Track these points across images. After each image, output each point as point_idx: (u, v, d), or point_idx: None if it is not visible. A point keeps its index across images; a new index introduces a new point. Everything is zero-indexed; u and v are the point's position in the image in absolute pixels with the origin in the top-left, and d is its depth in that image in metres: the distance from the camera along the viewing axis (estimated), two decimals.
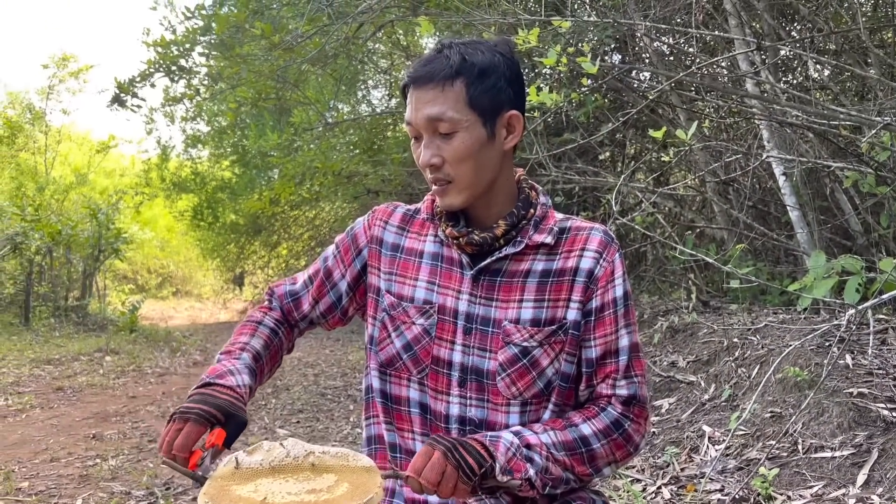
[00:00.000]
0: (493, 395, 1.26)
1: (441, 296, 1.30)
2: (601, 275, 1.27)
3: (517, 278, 1.28)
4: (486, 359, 1.26)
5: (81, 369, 7.11)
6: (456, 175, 1.24)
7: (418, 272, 1.33)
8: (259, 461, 1.09)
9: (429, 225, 1.37)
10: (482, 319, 1.27)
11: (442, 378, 1.28)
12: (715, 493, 2.73)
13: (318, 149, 8.70)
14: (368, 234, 1.39)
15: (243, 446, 4.42)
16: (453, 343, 1.28)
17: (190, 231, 15.11)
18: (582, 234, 1.30)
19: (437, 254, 1.33)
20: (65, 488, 3.54)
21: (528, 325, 1.25)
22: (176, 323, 13.42)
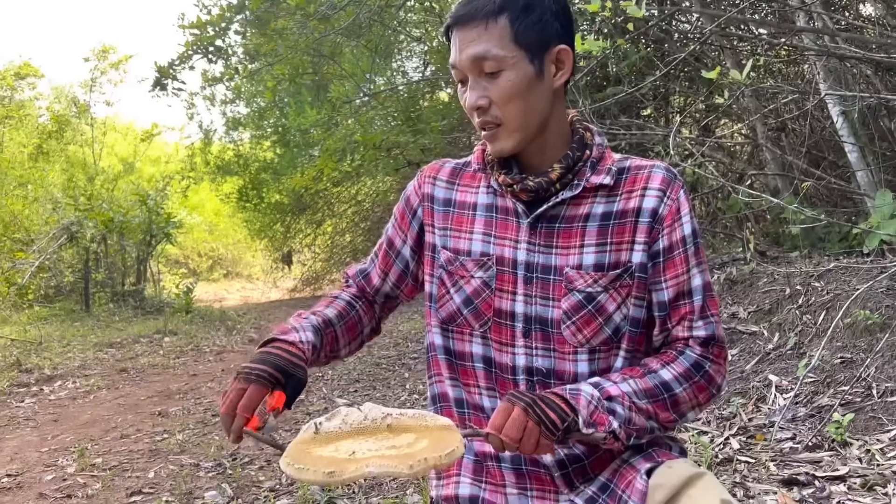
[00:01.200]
0: (558, 343, 1.21)
1: (498, 247, 1.26)
2: (666, 214, 1.20)
3: (577, 223, 1.22)
4: (549, 307, 1.22)
5: (142, 351, 7.31)
6: (505, 116, 1.19)
7: (473, 225, 1.29)
8: (338, 425, 1.08)
9: (480, 176, 1.32)
10: (542, 268, 1.22)
11: (505, 330, 1.24)
12: (786, 441, 2.66)
13: (357, 122, 8.69)
14: (419, 192, 1.36)
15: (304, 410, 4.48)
16: (514, 294, 1.23)
17: (236, 213, 15.32)
18: (643, 172, 1.23)
19: (491, 205, 1.29)
20: (136, 462, 3.64)
21: (590, 271, 1.20)
22: (229, 304, 13.68)
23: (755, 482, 2.37)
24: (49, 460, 3.75)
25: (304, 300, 13.44)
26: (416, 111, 9.13)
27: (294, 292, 15.03)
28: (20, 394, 5.47)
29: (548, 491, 1.22)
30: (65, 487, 3.31)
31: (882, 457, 2.37)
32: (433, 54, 8.79)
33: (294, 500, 2.87)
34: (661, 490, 1.12)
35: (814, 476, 2.34)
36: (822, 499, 2.20)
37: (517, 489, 1.24)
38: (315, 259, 15.16)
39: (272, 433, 1.13)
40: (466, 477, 1.28)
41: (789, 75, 5.81)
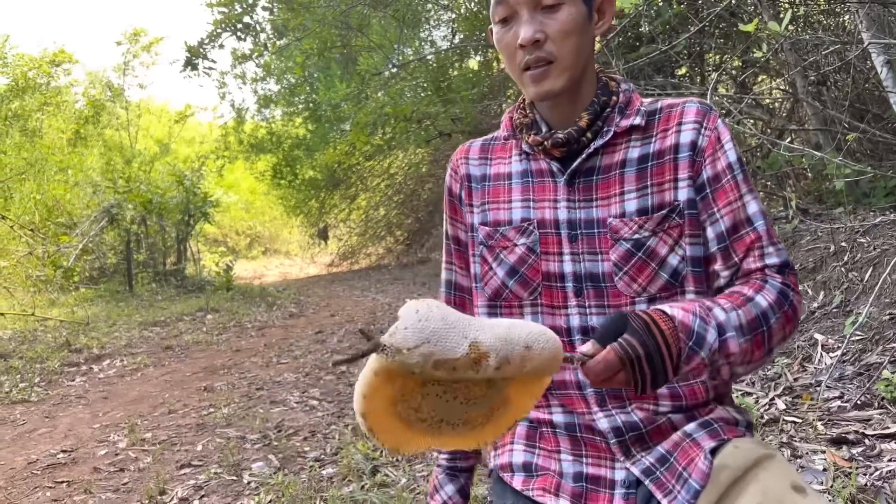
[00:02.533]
0: (613, 297, 1.17)
1: (538, 210, 1.22)
2: (706, 144, 1.15)
3: (613, 171, 1.18)
4: (598, 262, 1.18)
5: (186, 328, 7.45)
6: (560, 52, 1.13)
7: (510, 194, 1.26)
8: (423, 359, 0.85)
9: (510, 145, 1.29)
10: (585, 223, 1.19)
11: (556, 293, 1.21)
12: (834, 400, 2.61)
13: (386, 94, 8.66)
14: (457, 177, 1.34)
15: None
16: (561, 254, 1.20)
17: (271, 190, 15.45)
18: (675, 109, 1.18)
19: (525, 170, 1.25)
20: (185, 436, 3.73)
21: (634, 217, 1.16)
22: (268, 280, 13.87)
23: (803, 442, 2.34)
24: (101, 436, 3.87)
25: (341, 274, 13.56)
26: (445, 81, 9.06)
27: (331, 267, 15.18)
28: (71, 373, 5.63)
29: (603, 458, 1.19)
30: (117, 462, 3.41)
31: None
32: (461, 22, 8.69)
33: (339, 469, 2.92)
34: (727, 471, 1.07)
35: (863, 434, 2.30)
36: (872, 457, 2.16)
37: (572, 455, 1.21)
38: (350, 233, 15.26)
39: None
40: (520, 444, 1.27)
41: (830, 26, 5.60)
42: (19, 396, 4.86)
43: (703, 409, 1.18)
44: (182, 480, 3.04)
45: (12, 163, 11.40)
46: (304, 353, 5.73)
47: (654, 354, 0.97)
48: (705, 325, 1.02)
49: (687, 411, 1.18)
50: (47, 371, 5.61)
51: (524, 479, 1.23)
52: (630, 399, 1.17)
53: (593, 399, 1.19)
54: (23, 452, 3.69)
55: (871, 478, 2.04)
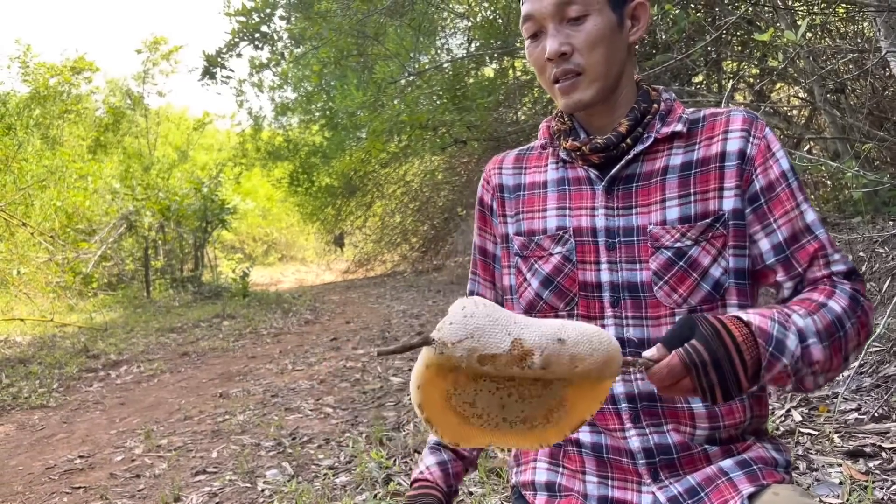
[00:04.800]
0: (651, 308, 1.13)
1: (574, 218, 1.19)
2: (755, 153, 1.11)
3: (654, 178, 1.15)
4: (636, 270, 1.14)
5: (202, 335, 7.51)
6: (588, 63, 1.12)
7: (545, 202, 1.23)
8: (469, 351, 0.87)
9: (546, 155, 1.27)
10: (624, 231, 1.15)
11: (593, 303, 1.17)
12: (851, 412, 2.58)
13: (402, 102, 8.69)
14: (489, 187, 1.32)
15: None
16: (598, 263, 1.17)
17: (288, 197, 15.55)
18: (720, 118, 1.15)
19: (562, 178, 1.23)
20: (200, 443, 3.75)
21: (676, 224, 1.12)
22: (284, 287, 13.93)
23: (818, 454, 2.31)
24: (118, 442, 3.91)
25: (357, 281, 13.60)
26: (461, 88, 9.08)
27: (347, 274, 15.23)
28: (88, 378, 5.69)
29: (630, 481, 1.13)
30: (133, 468, 3.44)
31: None
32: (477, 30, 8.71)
33: (352, 477, 2.92)
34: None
35: (880, 447, 2.27)
36: (889, 470, 2.13)
37: (597, 477, 1.17)
38: (366, 240, 15.31)
39: None
40: (543, 461, 1.23)
41: (848, 34, 5.57)
42: (38, 402, 4.92)
43: (741, 445, 1.14)
44: (197, 487, 3.06)
45: (33, 170, 11.55)
46: (320, 360, 5.75)
47: (723, 361, 0.92)
48: (785, 331, 0.97)
49: (724, 443, 1.13)
50: (65, 377, 5.68)
51: (547, 499, 1.20)
52: (667, 417, 1.12)
53: (627, 415, 1.14)
54: (41, 458, 3.73)
55: (888, 491, 2.01)
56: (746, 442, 1.14)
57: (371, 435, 3.45)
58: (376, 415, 3.82)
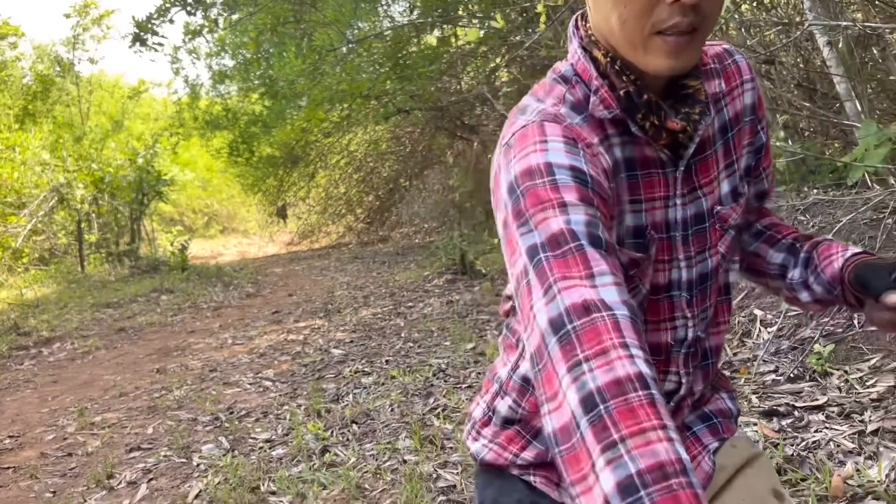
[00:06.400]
0: (713, 294, 1.02)
1: (649, 213, 0.96)
2: (759, 104, 1.05)
3: (708, 150, 1.00)
4: (707, 259, 1.00)
5: (140, 310, 7.35)
6: (709, 18, 0.89)
7: (620, 195, 0.95)
8: None
9: (605, 124, 0.94)
10: (696, 218, 0.99)
11: (662, 305, 1.00)
12: (769, 374, 2.70)
13: (343, 71, 8.56)
14: (600, 169, 0.90)
15: (301, 362, 4.50)
16: (671, 261, 0.99)
17: (228, 168, 15.22)
18: (729, 64, 1.03)
19: (630, 160, 0.95)
20: (135, 419, 3.70)
21: (731, 200, 1.01)
22: (226, 260, 13.70)
23: None
24: (49, 420, 3.82)
25: (301, 253, 13.47)
26: (403, 57, 8.98)
27: (291, 246, 15.06)
28: (19, 356, 5.53)
29: None
30: (65, 446, 3.37)
31: (861, 385, 2.41)
32: None
33: (289, 449, 2.93)
34: (724, 472, 1.05)
35: (793, 406, 2.38)
36: (800, 428, 2.25)
37: None
38: (310, 212, 15.14)
39: None
40: (526, 459, 1.12)
41: (778, 3, 5.69)
42: None
43: (704, 398, 1.13)
44: (130, 464, 3.03)
45: None
46: (260, 333, 5.70)
47: None
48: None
49: (703, 402, 1.12)
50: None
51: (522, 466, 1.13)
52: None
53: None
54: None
55: (798, 448, 2.12)
56: (706, 395, 1.13)
57: (309, 407, 3.46)
58: (315, 387, 3.82)
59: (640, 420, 0.66)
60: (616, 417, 0.66)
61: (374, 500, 2.33)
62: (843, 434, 2.14)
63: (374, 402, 3.42)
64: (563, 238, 0.80)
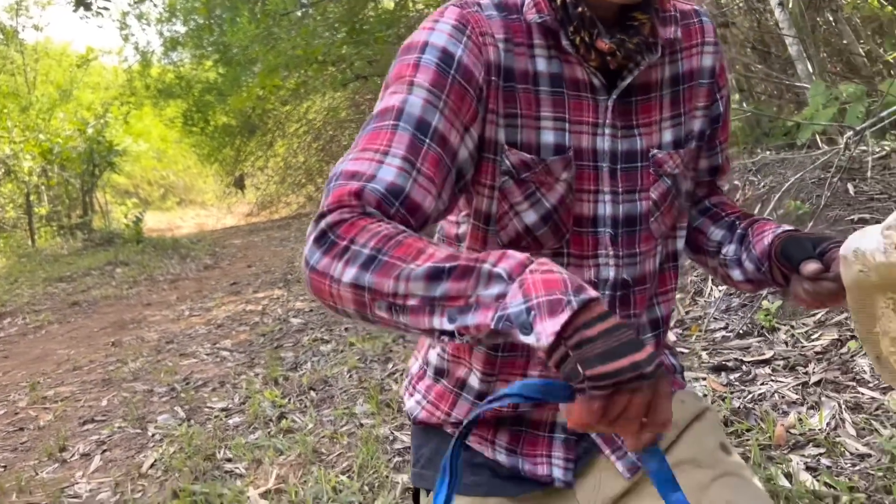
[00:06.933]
0: (644, 241, 1.01)
1: (574, 136, 0.95)
2: (720, 71, 1.05)
3: (653, 92, 0.99)
4: (636, 201, 1.00)
5: (94, 283, 7.20)
6: None
7: (539, 107, 0.93)
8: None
9: (532, 30, 0.93)
10: (627, 155, 0.98)
11: (587, 239, 0.99)
12: (719, 331, 2.75)
13: (298, 35, 8.39)
14: (481, 60, 0.90)
15: (259, 330, 4.46)
16: (597, 193, 0.98)
17: (184, 138, 14.89)
18: (693, 22, 1.03)
19: (557, 75, 0.93)
20: (89, 392, 3.64)
21: (671, 149, 1.01)
22: (184, 232, 13.46)
23: (687, 370, 2.47)
24: (0, 396, 3.74)
25: (260, 224, 13.30)
26: (359, 21, 8.82)
27: (250, 217, 14.86)
28: None
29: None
30: (17, 421, 3.31)
31: (806, 339, 2.47)
32: None
33: (246, 418, 2.91)
34: (675, 427, 1.06)
35: (741, 361, 2.44)
36: (747, 381, 2.30)
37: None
38: (269, 182, 14.93)
39: None
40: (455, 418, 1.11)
41: None
42: None
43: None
44: (84, 436, 2.98)
45: None
46: (218, 304, 5.63)
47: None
48: None
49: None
50: None
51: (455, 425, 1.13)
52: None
53: None
54: None
55: (744, 400, 2.18)
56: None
57: (267, 376, 3.44)
58: (273, 356, 3.80)
59: (372, 232, 0.75)
60: (347, 233, 0.76)
61: (330, 464, 2.33)
62: (788, 386, 2.20)
63: (332, 368, 3.41)
64: (391, 114, 0.85)
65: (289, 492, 2.14)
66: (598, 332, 0.67)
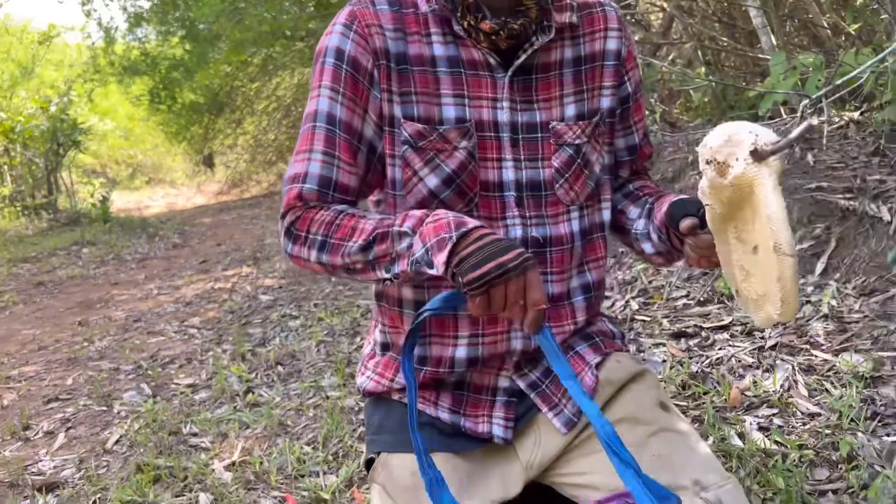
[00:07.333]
0: (551, 206, 1.13)
1: (475, 109, 1.09)
2: (627, 55, 1.17)
3: (553, 71, 1.12)
4: (539, 168, 1.12)
5: (60, 263, 7.10)
6: None
7: (439, 85, 1.08)
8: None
9: (427, 20, 1.09)
10: (528, 126, 1.11)
11: (494, 202, 1.11)
12: (681, 299, 2.80)
13: (265, 10, 8.26)
14: (368, 48, 1.06)
15: (229, 308, 4.46)
16: (500, 160, 1.10)
17: (151, 116, 14.61)
18: (597, 11, 1.16)
19: (455, 58, 1.08)
20: (54, 371, 3.61)
21: (574, 121, 1.13)
22: (153, 212, 13.27)
23: (648, 337, 2.51)
24: None
25: (231, 203, 13.16)
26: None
27: (220, 195, 14.68)
28: None
29: (490, 367, 1.15)
30: None
31: None
32: None
33: (212, 393, 2.91)
34: (609, 386, 1.13)
35: (701, 328, 2.48)
36: (705, 346, 2.35)
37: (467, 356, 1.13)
38: (238, 160, 14.74)
39: None
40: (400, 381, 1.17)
41: None
42: None
43: (589, 326, 1.22)
44: (48, 415, 2.96)
45: None
46: (187, 283, 5.58)
47: None
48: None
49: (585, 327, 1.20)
50: None
51: (401, 390, 1.18)
52: (550, 320, 1.14)
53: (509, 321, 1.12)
54: None
55: (702, 365, 2.22)
56: (590, 322, 1.23)
57: (234, 351, 3.43)
58: (241, 332, 3.78)
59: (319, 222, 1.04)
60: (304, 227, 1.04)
61: (296, 436, 2.34)
62: (745, 350, 2.25)
63: (300, 343, 3.41)
64: (310, 117, 1.08)
65: (253, 463, 2.15)
66: (472, 250, 0.88)
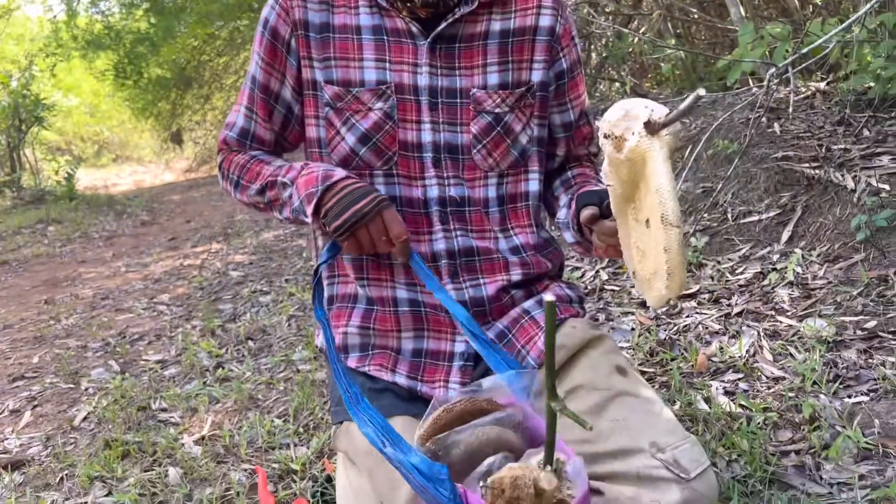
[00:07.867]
0: (468, 170, 1.18)
1: (395, 73, 1.16)
2: (562, 33, 1.22)
3: (476, 41, 1.18)
4: (458, 133, 1.17)
5: (24, 242, 6.96)
6: None
7: (361, 51, 1.16)
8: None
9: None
10: (447, 91, 1.17)
11: (413, 162, 1.17)
12: None
13: None
14: (288, 20, 1.18)
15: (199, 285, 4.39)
16: (419, 122, 1.16)
17: (116, 92, 14.31)
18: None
19: (379, 26, 1.16)
20: (20, 350, 3.55)
21: (497, 90, 1.17)
22: (121, 189, 13.03)
23: (616, 307, 2.53)
24: None
25: (200, 180, 12.97)
26: None
27: (189, 173, 14.47)
28: None
29: (444, 332, 1.18)
30: None
31: (731, 274, 2.55)
32: None
33: (181, 368, 2.88)
34: (563, 351, 1.14)
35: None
36: (673, 314, 2.37)
37: (413, 332, 1.19)
38: (207, 136, 14.53)
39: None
40: (353, 327, 1.21)
41: None
42: None
43: (540, 285, 1.24)
44: (14, 393, 2.91)
45: None
46: (156, 260, 5.51)
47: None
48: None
49: (528, 284, 1.23)
50: None
51: (359, 357, 1.21)
52: (483, 272, 1.18)
53: (446, 271, 1.17)
54: None
55: (670, 332, 2.25)
56: (544, 283, 1.26)
57: (204, 327, 3.40)
58: (211, 308, 3.75)
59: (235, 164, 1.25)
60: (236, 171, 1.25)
61: (266, 409, 2.33)
62: (712, 317, 2.27)
63: (270, 318, 3.39)
64: (247, 78, 1.24)
65: (223, 437, 2.13)
66: (334, 202, 1.05)
